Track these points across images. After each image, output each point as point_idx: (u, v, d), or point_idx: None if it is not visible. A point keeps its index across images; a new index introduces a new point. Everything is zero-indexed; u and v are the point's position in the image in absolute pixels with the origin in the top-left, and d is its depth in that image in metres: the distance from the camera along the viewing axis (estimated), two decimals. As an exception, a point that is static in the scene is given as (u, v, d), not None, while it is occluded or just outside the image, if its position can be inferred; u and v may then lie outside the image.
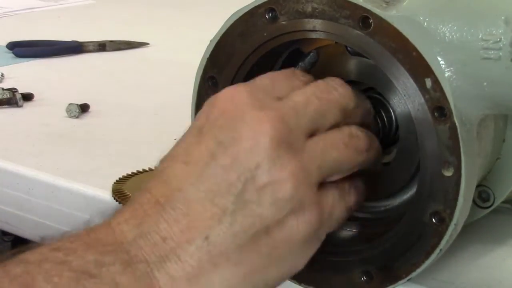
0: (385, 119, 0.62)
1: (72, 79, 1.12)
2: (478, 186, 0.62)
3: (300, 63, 0.64)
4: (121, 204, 0.68)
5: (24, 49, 1.22)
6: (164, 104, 0.98)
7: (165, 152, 0.52)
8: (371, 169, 0.55)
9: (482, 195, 0.62)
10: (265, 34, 0.57)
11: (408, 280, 0.55)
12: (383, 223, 0.59)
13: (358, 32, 0.52)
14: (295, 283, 0.58)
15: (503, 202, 0.64)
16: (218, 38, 0.59)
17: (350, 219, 0.60)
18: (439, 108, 0.50)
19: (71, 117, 0.93)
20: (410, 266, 0.54)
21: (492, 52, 0.48)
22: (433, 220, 0.53)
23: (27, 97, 0.99)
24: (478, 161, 0.55)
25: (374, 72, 0.59)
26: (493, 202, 0.62)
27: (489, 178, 0.62)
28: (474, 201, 0.62)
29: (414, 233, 0.54)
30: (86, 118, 0.94)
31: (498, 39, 0.48)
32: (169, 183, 0.48)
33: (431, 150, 0.52)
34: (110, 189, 0.71)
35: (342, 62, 0.61)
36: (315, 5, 0.54)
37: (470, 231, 0.63)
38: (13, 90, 0.99)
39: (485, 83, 0.50)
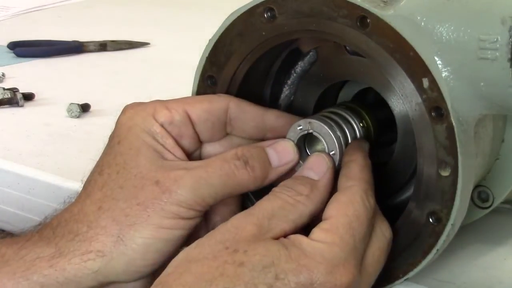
0: (383, 119, 0.62)
1: (73, 79, 1.12)
2: (477, 186, 0.62)
3: (299, 63, 0.64)
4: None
5: (25, 49, 1.22)
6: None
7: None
8: None
9: (481, 195, 0.62)
10: (263, 33, 0.57)
11: (405, 279, 0.55)
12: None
13: (356, 31, 0.52)
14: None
15: (503, 202, 0.63)
16: (217, 37, 0.59)
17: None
18: (436, 108, 0.50)
19: (72, 117, 0.93)
20: (407, 266, 0.54)
21: (489, 52, 0.48)
22: (430, 220, 0.53)
23: (28, 97, 0.99)
24: (476, 161, 0.55)
25: (372, 72, 0.59)
26: (492, 202, 0.62)
27: (488, 178, 0.62)
28: (473, 202, 0.62)
29: (411, 233, 0.54)
30: (87, 118, 0.94)
31: (495, 39, 0.48)
32: None
33: (428, 150, 0.52)
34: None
35: (341, 61, 0.61)
36: (313, 5, 0.54)
37: (470, 231, 0.63)
38: (14, 90, 0.99)
39: (482, 83, 0.50)
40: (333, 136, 0.56)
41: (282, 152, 0.57)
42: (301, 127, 0.57)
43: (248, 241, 0.49)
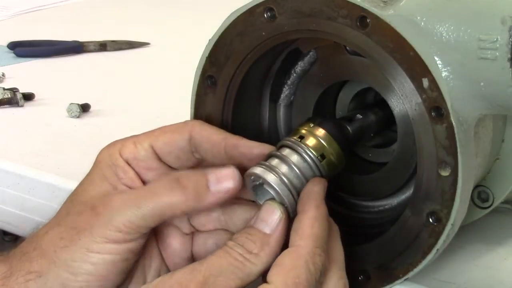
0: (383, 118, 0.62)
1: (73, 79, 1.12)
2: (477, 186, 0.62)
3: (299, 63, 0.64)
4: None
5: (25, 49, 1.22)
6: (164, 103, 0.98)
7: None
8: None
9: (481, 195, 0.62)
10: (263, 33, 0.57)
11: (405, 280, 0.55)
12: (381, 222, 0.59)
13: (356, 31, 0.52)
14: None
15: (503, 202, 0.64)
16: (217, 37, 0.59)
17: (348, 218, 0.60)
18: (436, 108, 0.50)
19: (72, 117, 0.93)
20: (407, 266, 0.54)
21: (489, 52, 0.48)
22: (430, 220, 0.53)
23: (28, 97, 0.99)
24: (476, 161, 0.55)
25: (372, 72, 0.59)
26: (492, 202, 0.62)
27: (488, 178, 0.62)
28: (473, 202, 0.62)
29: (411, 233, 0.54)
30: (87, 118, 0.94)
31: (495, 39, 0.48)
32: None
33: (428, 150, 0.52)
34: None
35: (340, 61, 0.61)
36: (313, 5, 0.54)
37: (470, 231, 0.63)
38: (14, 90, 1.00)
39: (482, 83, 0.50)
40: (280, 192, 0.53)
41: (223, 178, 0.55)
42: (252, 177, 0.54)
43: None
